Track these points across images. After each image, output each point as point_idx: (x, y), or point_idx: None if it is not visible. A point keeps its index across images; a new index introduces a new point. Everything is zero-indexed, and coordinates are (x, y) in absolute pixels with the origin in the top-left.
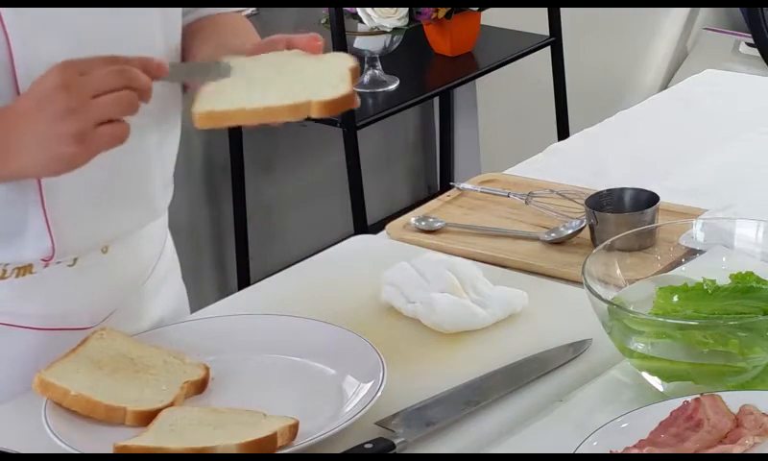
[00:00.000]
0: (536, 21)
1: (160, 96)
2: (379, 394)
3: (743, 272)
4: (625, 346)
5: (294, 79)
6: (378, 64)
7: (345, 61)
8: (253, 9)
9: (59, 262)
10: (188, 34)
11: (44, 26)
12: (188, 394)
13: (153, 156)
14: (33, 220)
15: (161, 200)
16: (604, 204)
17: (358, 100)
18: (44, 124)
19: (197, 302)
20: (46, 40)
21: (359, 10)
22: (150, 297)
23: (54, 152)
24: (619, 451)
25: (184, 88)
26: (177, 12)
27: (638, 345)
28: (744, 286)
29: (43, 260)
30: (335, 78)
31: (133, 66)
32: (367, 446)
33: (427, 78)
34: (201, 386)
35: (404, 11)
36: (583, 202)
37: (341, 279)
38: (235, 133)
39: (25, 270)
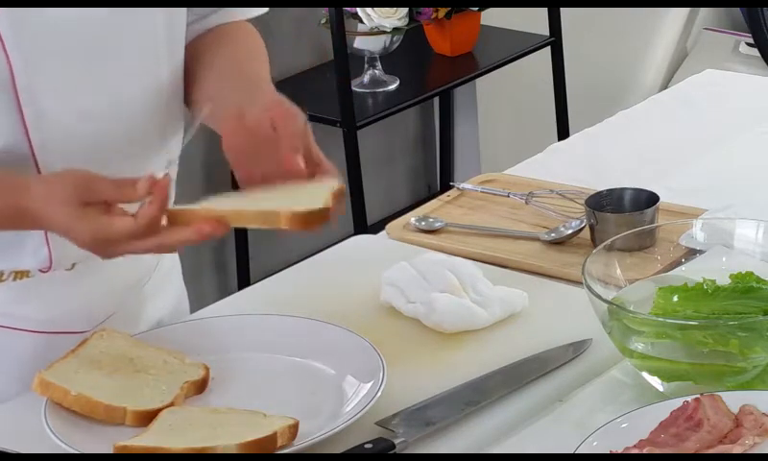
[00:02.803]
0: (536, 21)
1: (162, 110)
2: (379, 394)
3: (743, 272)
4: (625, 346)
5: (272, 191)
6: (378, 64)
7: (330, 184)
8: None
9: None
10: (195, 53)
11: (44, 45)
12: (188, 394)
13: (153, 169)
14: (31, 232)
15: None
16: (604, 204)
17: (336, 219)
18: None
19: (197, 302)
20: (47, 60)
21: (359, 10)
22: (149, 299)
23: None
24: (619, 451)
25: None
26: (181, 31)
27: (638, 345)
28: (744, 286)
29: (41, 271)
30: (314, 195)
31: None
32: (367, 446)
33: (427, 78)
34: (201, 386)
35: (404, 11)
36: (583, 202)
37: (341, 279)
38: None
39: (23, 274)
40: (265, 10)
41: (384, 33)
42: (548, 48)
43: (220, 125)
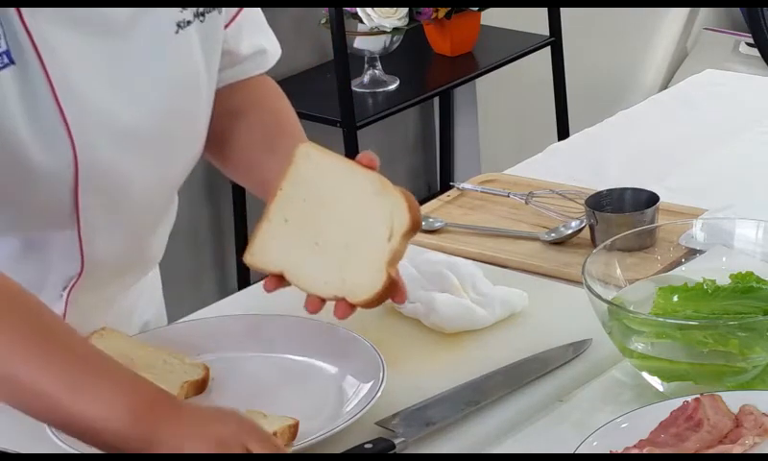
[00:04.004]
0: (536, 21)
1: (164, 201)
2: (379, 394)
3: (743, 272)
4: (625, 346)
5: (336, 264)
6: (378, 64)
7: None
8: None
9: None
10: (227, 114)
11: (106, 131)
12: (188, 394)
13: (150, 236)
14: (49, 299)
15: (157, 259)
16: (604, 204)
17: (403, 294)
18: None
19: (197, 302)
20: (107, 145)
21: (359, 10)
22: (134, 312)
23: None
24: (619, 451)
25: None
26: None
27: (638, 345)
28: (744, 286)
29: None
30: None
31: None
32: (367, 446)
33: (427, 78)
34: (201, 386)
35: (404, 10)
36: (583, 202)
37: None
38: None
39: None
40: (278, 55)
41: (384, 33)
42: (548, 48)
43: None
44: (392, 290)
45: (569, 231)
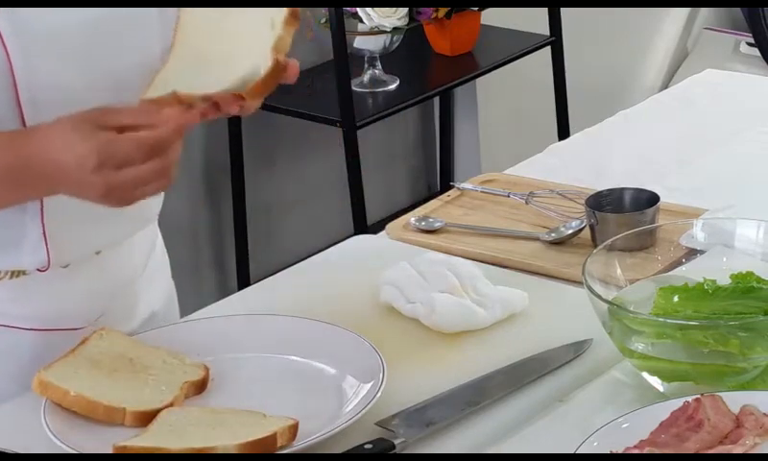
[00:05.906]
0: (536, 21)
1: None
2: (379, 394)
3: (744, 272)
4: (625, 346)
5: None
6: (378, 64)
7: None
8: None
9: None
10: None
11: (44, 44)
12: (188, 394)
13: None
14: (30, 232)
15: (153, 208)
16: (604, 204)
17: (295, 72)
18: (86, 195)
19: (197, 302)
20: (46, 58)
21: (359, 9)
22: (140, 295)
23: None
24: (620, 452)
25: None
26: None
27: (639, 345)
28: (744, 286)
29: (38, 270)
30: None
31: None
32: (367, 446)
33: (427, 78)
34: (200, 386)
35: (404, 10)
36: (583, 202)
37: (341, 279)
38: (235, 133)
39: (18, 272)
40: None
41: (384, 32)
42: (548, 48)
43: None
44: (281, 73)
45: (569, 232)
